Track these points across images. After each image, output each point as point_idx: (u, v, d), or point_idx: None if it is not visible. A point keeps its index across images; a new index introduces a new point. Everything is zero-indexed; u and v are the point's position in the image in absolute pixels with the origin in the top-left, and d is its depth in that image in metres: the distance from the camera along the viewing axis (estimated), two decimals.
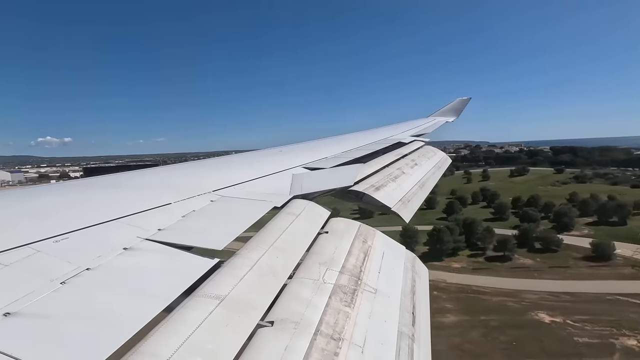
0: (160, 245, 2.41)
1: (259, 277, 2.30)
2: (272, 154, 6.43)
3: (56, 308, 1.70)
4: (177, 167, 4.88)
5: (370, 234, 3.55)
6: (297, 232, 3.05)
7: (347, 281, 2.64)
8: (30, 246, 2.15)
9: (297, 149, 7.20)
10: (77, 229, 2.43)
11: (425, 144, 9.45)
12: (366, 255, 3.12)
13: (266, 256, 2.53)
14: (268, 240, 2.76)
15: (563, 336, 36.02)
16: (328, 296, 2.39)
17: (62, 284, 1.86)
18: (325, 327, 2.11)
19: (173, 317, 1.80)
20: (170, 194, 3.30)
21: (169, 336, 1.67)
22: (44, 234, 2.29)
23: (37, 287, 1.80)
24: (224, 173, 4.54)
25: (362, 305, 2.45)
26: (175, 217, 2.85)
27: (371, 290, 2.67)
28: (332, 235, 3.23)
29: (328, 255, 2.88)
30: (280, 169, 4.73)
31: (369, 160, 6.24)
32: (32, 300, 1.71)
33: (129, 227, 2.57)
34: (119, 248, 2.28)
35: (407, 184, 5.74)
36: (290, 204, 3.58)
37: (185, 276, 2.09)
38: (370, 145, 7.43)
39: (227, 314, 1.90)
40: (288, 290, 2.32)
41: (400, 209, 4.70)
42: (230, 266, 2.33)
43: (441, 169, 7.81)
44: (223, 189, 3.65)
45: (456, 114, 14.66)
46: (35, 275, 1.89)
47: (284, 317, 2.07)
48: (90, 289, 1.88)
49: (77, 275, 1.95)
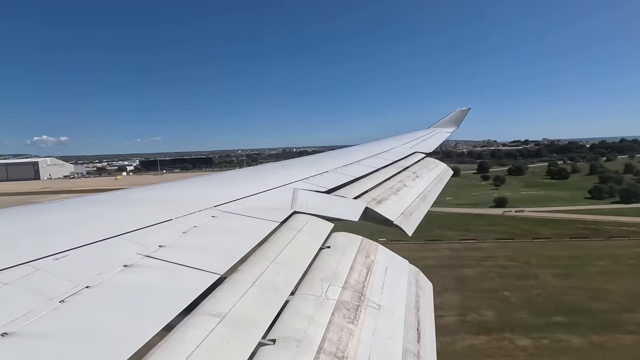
0: (161, 261, 2.38)
1: (261, 294, 2.26)
2: (274, 169, 6.44)
3: (55, 327, 1.67)
4: (177, 183, 4.88)
5: (373, 248, 3.51)
6: (299, 247, 3.02)
7: (350, 297, 2.60)
8: (30, 264, 2.13)
9: (298, 163, 7.23)
10: (78, 247, 2.41)
11: (426, 155, 9.48)
12: (369, 270, 3.08)
13: (268, 272, 2.51)
14: (270, 256, 2.73)
15: None
16: (331, 312, 2.35)
17: (61, 303, 1.83)
18: (329, 345, 2.07)
19: (173, 336, 1.76)
20: (171, 209, 3.29)
21: (169, 355, 1.64)
22: (44, 251, 2.28)
23: (35, 306, 1.78)
24: (225, 188, 4.54)
25: (365, 322, 2.40)
26: (176, 233, 2.83)
27: (374, 306, 2.63)
28: (334, 250, 3.20)
29: (330, 271, 2.84)
30: (281, 183, 4.73)
31: (370, 175, 6.24)
32: (31, 320, 1.68)
33: (129, 244, 2.56)
34: (119, 265, 2.26)
35: (409, 196, 5.73)
36: (292, 219, 3.56)
37: (186, 293, 2.06)
38: (371, 159, 7.45)
39: (228, 331, 1.86)
40: (290, 307, 2.28)
41: (403, 222, 4.67)
42: (232, 282, 2.30)
43: (442, 181, 7.80)
44: (224, 204, 3.64)
45: (456, 125, 14.81)
46: (34, 294, 1.87)
47: (286, 334, 2.03)
48: (90, 307, 1.86)
49: (77, 293, 1.93)
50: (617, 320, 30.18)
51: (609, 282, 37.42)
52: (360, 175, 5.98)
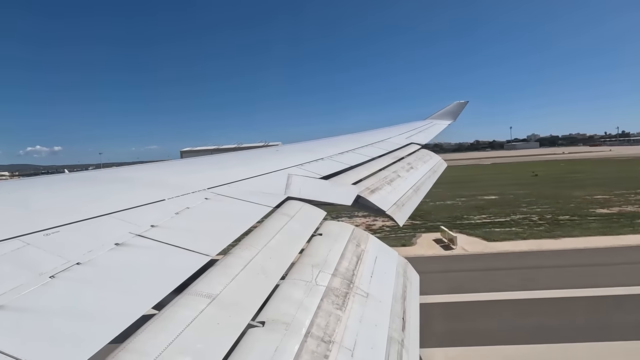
0: (152, 241, 2.39)
1: (252, 277, 2.29)
2: (268, 154, 6.42)
3: (44, 302, 1.67)
4: (171, 164, 4.85)
5: (364, 237, 3.55)
6: (291, 233, 3.04)
7: (340, 284, 2.64)
8: (20, 239, 2.12)
9: (292, 149, 7.20)
10: (69, 223, 2.40)
11: (421, 147, 9.50)
12: (359, 259, 3.12)
13: (259, 256, 2.53)
14: (262, 240, 2.75)
15: None
16: (320, 298, 2.39)
17: (51, 278, 1.83)
18: (317, 330, 2.11)
19: (163, 315, 1.78)
20: (164, 190, 3.27)
21: (158, 334, 1.66)
22: (35, 226, 2.26)
23: (25, 280, 1.78)
24: (219, 171, 4.52)
25: (353, 309, 2.45)
26: (168, 214, 2.83)
27: (363, 294, 2.68)
28: (326, 237, 3.23)
29: (321, 258, 2.87)
30: (276, 168, 4.72)
31: (365, 164, 6.26)
32: (20, 294, 1.68)
33: (121, 223, 2.55)
34: (111, 243, 2.25)
35: (402, 187, 5.77)
36: (285, 205, 3.57)
37: (177, 273, 2.08)
38: (366, 148, 7.44)
39: (218, 312, 1.89)
40: (280, 291, 2.31)
41: (395, 212, 4.71)
42: (223, 265, 2.32)
43: (437, 173, 7.85)
44: (218, 187, 3.63)
45: (453, 117, 14.68)
46: (24, 269, 1.87)
47: (275, 317, 2.06)
48: (80, 283, 1.86)
49: (67, 269, 1.93)
50: None
51: None
52: (355, 163, 5.99)
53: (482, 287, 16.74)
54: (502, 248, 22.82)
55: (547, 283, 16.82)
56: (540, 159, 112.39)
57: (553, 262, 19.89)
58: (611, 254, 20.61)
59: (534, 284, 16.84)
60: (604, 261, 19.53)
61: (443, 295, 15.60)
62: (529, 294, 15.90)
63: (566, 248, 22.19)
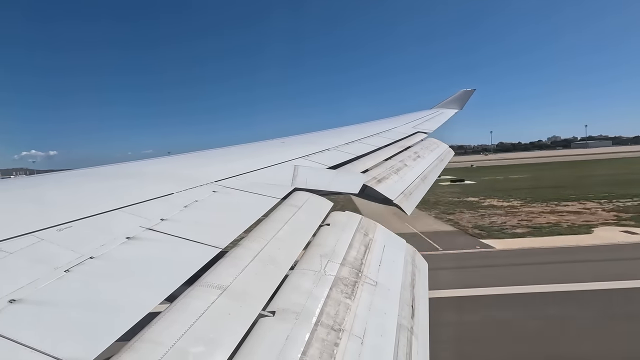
0: (162, 235, 2.42)
1: (261, 268, 2.32)
2: (274, 145, 6.42)
3: (61, 295, 1.72)
4: (179, 158, 4.88)
5: (372, 227, 3.56)
6: (299, 223, 3.06)
7: (348, 273, 2.66)
8: (34, 234, 2.16)
9: (298, 140, 7.19)
10: (81, 218, 2.44)
11: (427, 136, 9.42)
12: (367, 248, 3.14)
13: (268, 247, 2.55)
14: (270, 231, 2.77)
15: None
16: (329, 288, 2.41)
17: (66, 272, 1.88)
18: (326, 318, 2.13)
19: (176, 306, 1.82)
20: (173, 183, 3.30)
21: (172, 324, 1.69)
22: (48, 222, 2.31)
23: (41, 274, 1.82)
24: (226, 163, 4.54)
25: (362, 297, 2.47)
26: (177, 207, 2.86)
27: (371, 283, 2.70)
28: (333, 227, 3.25)
29: (329, 248, 2.89)
30: (282, 160, 4.73)
31: (371, 154, 6.23)
32: (37, 288, 1.73)
33: (132, 217, 2.59)
34: (122, 237, 2.29)
35: (409, 176, 5.74)
36: (292, 196, 3.59)
37: (188, 266, 2.11)
38: (372, 138, 7.41)
39: (229, 303, 1.92)
40: (289, 281, 2.34)
41: (402, 201, 4.71)
42: (232, 256, 2.35)
43: (444, 162, 7.80)
44: (225, 180, 3.65)
45: (459, 106, 14.40)
46: (40, 263, 1.91)
47: (285, 307, 2.09)
48: (94, 277, 1.90)
49: (81, 263, 1.97)
50: None
51: None
52: (361, 153, 5.97)
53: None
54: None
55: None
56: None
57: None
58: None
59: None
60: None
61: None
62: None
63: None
